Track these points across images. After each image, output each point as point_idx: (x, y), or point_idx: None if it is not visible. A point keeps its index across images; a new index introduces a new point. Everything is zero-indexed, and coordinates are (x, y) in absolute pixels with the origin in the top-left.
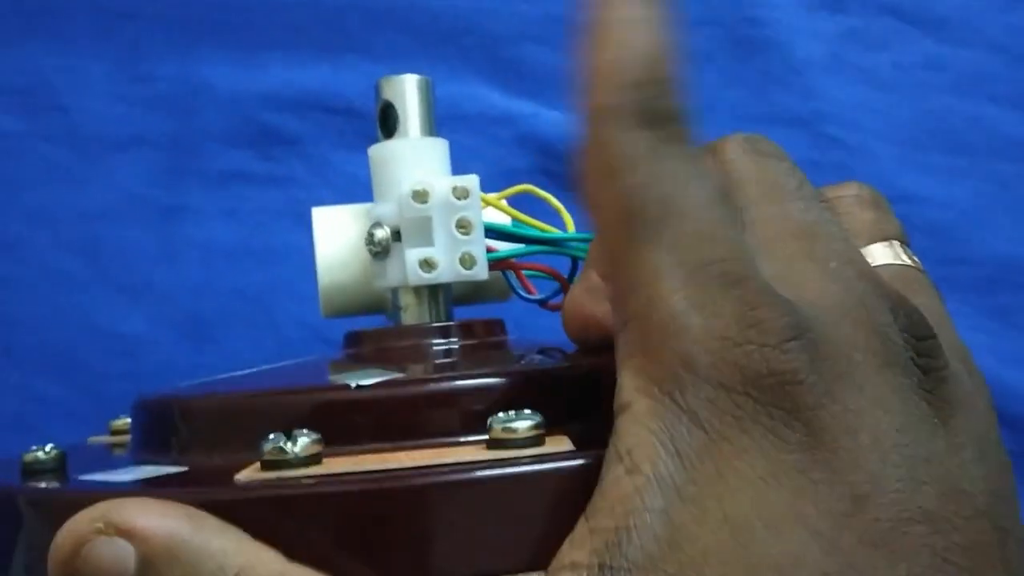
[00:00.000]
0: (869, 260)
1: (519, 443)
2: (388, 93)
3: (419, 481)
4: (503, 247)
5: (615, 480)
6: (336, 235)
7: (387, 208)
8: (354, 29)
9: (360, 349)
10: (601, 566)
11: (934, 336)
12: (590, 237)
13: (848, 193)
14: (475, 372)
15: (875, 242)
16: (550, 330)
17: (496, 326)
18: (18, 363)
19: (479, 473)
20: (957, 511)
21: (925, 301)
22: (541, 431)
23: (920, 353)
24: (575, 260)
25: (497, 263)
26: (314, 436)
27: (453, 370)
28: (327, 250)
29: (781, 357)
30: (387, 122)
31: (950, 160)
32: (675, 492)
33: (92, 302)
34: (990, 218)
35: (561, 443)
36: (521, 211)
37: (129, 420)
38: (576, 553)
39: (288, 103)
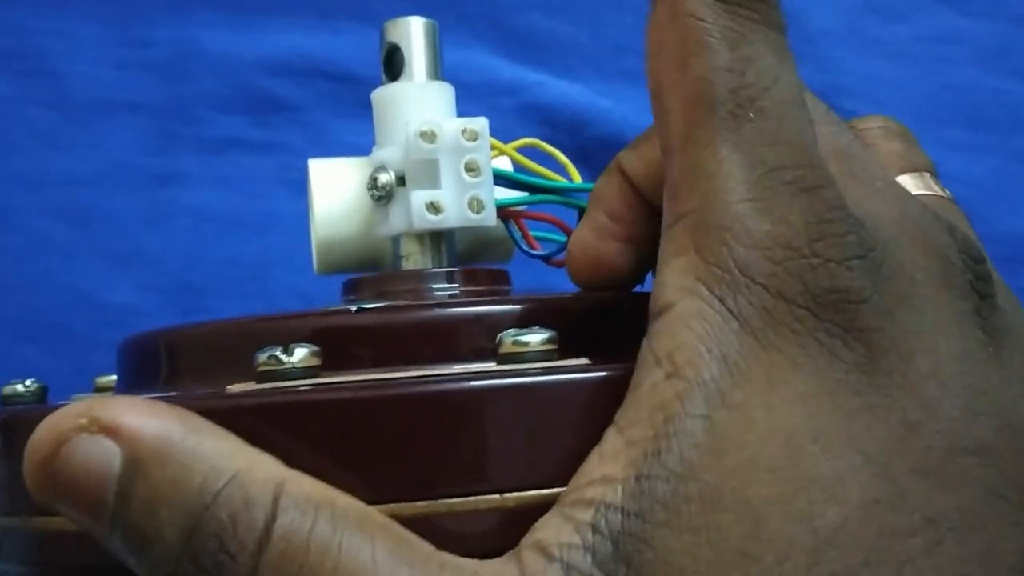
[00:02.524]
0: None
1: (531, 357)
2: (394, 35)
3: (421, 389)
4: (508, 196)
5: (653, 386)
6: (334, 187)
7: (391, 151)
8: None
9: (360, 296)
10: (638, 477)
11: (987, 260)
12: None
13: (874, 125)
14: (482, 299)
15: (904, 173)
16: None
17: (500, 275)
18: (4, 331)
19: (489, 382)
20: (1010, 445)
21: (967, 232)
22: (555, 346)
23: (978, 276)
24: (582, 212)
25: (501, 210)
26: (312, 348)
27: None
28: (324, 202)
29: (847, 274)
30: (392, 65)
31: (971, 135)
32: (720, 398)
33: (81, 270)
34: (1011, 194)
35: (579, 360)
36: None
37: (115, 377)
38: (608, 466)
39: (285, 69)
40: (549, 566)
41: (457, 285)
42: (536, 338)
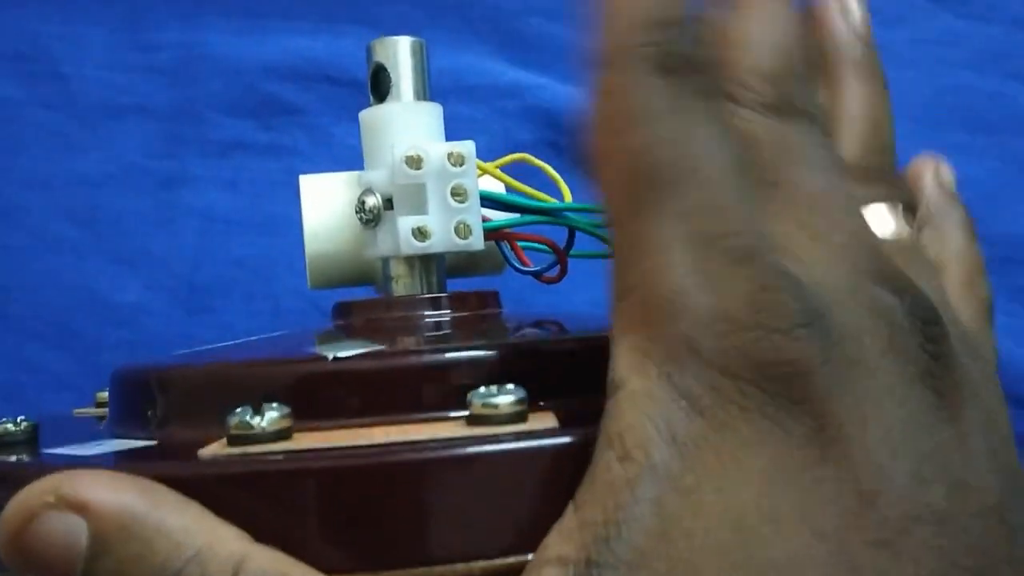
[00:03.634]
0: (871, 221)
1: (501, 419)
2: (380, 55)
3: (390, 459)
4: (498, 216)
5: (606, 467)
6: (324, 203)
7: (378, 175)
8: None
9: (349, 320)
10: (588, 562)
11: (940, 321)
12: (588, 207)
13: None
14: (456, 345)
15: (878, 201)
16: (545, 305)
17: (490, 298)
18: (12, 331)
19: (456, 451)
20: (964, 508)
21: (930, 282)
22: (524, 407)
23: (927, 338)
24: (572, 231)
25: (491, 233)
26: (283, 410)
27: (438, 343)
28: (315, 219)
29: (792, 345)
30: (379, 85)
31: (968, 138)
32: (670, 482)
33: (89, 271)
34: (1008, 197)
35: (546, 420)
36: (517, 181)
37: None
38: (564, 547)
39: (290, 73)
40: None
41: (447, 311)
42: (505, 400)
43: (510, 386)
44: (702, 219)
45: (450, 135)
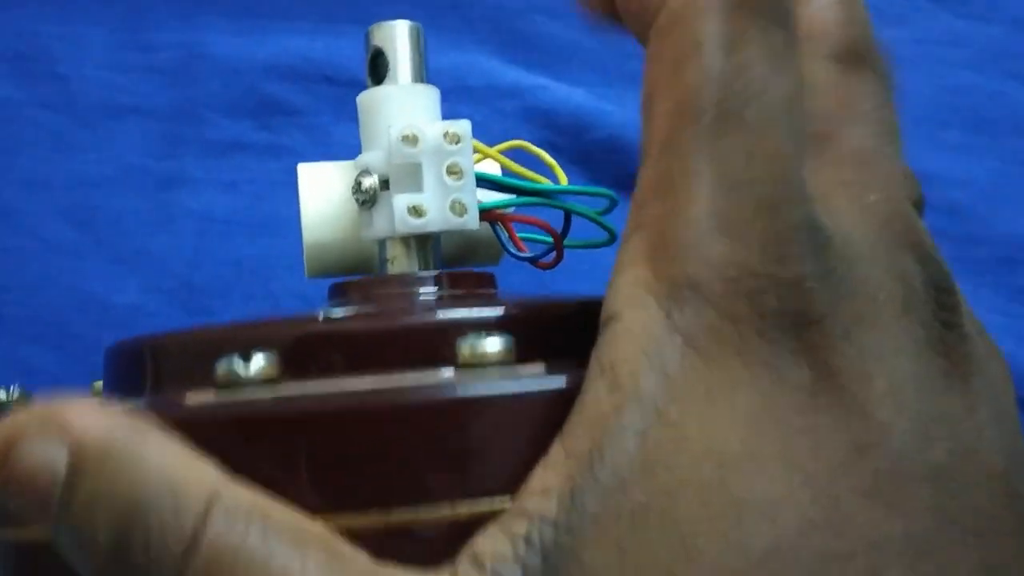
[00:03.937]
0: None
1: (489, 365)
2: (378, 39)
3: (377, 400)
4: (494, 199)
5: (594, 398)
6: (322, 191)
7: (375, 155)
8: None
9: (345, 298)
10: (573, 490)
11: (956, 292)
12: (584, 189)
13: None
14: (443, 305)
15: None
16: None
17: (486, 278)
18: (9, 332)
19: (443, 392)
20: (968, 472)
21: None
22: (512, 354)
23: (941, 307)
24: (568, 214)
25: (487, 214)
26: (271, 358)
27: (429, 306)
28: (312, 206)
29: (801, 296)
30: (377, 69)
31: (970, 138)
32: (656, 413)
33: (86, 271)
34: (1010, 197)
35: (535, 368)
36: (517, 164)
37: None
38: (549, 477)
39: (289, 73)
40: None
41: (443, 289)
42: (493, 346)
43: (498, 333)
44: (737, 163)
45: None
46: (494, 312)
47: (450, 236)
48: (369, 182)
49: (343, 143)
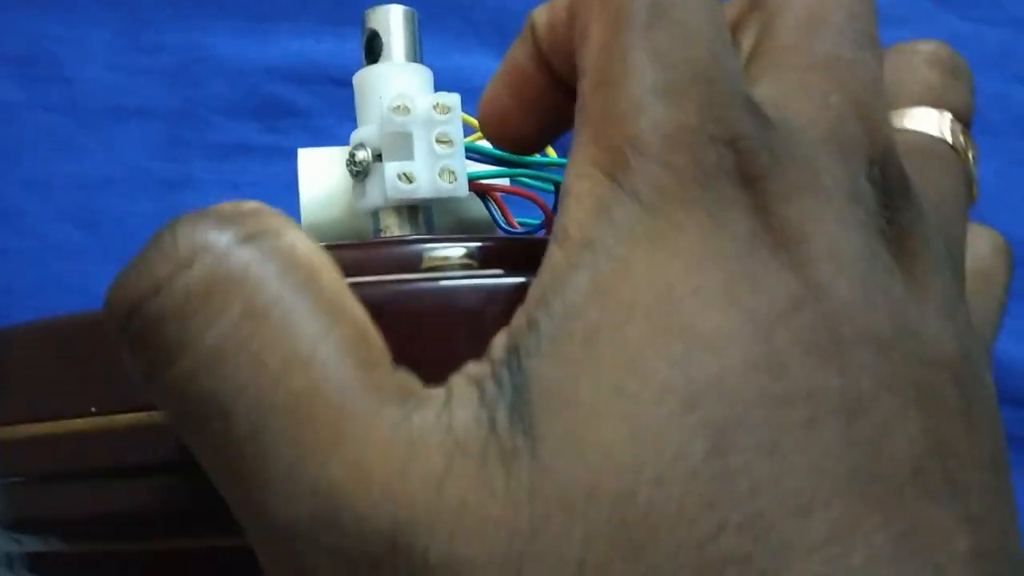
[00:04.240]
0: (904, 121)
1: (451, 268)
2: (373, 22)
3: None
4: (482, 170)
5: (549, 258)
6: (321, 175)
7: (368, 129)
8: (362, 0)
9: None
10: (529, 322)
11: (913, 202)
12: None
13: (923, 49)
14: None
15: (923, 105)
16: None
17: None
18: None
19: (403, 287)
20: (912, 349)
21: (941, 182)
22: (475, 260)
23: (889, 206)
24: (557, 186)
25: (476, 183)
26: None
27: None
28: (311, 189)
29: (740, 154)
30: (372, 49)
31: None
32: (604, 252)
33: (90, 273)
34: (1011, 198)
35: (493, 271)
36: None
37: None
38: (511, 322)
39: (294, 75)
40: (469, 389)
41: None
42: (456, 252)
43: (460, 245)
44: (670, 49)
45: None
46: (457, 240)
47: (443, 212)
48: (363, 154)
49: (347, 144)
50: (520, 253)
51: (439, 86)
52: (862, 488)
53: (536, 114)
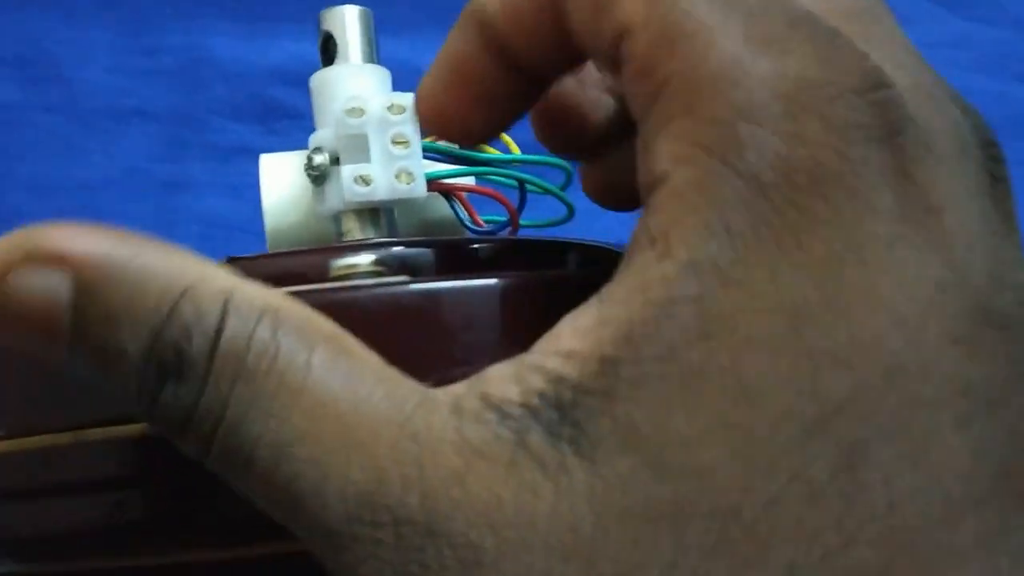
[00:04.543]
0: None
1: (359, 277)
2: (328, 24)
3: None
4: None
5: (641, 266)
6: (282, 180)
7: (325, 132)
8: (362, 4)
9: None
10: (603, 358)
11: (999, 147)
12: (536, 159)
13: None
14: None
15: None
16: None
17: None
18: None
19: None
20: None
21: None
22: (387, 267)
23: (990, 158)
24: (522, 184)
25: (436, 182)
26: None
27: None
28: (273, 195)
29: (871, 108)
30: (327, 52)
31: None
32: (717, 276)
33: None
34: (1015, 199)
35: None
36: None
37: None
38: (577, 341)
39: (294, 77)
40: (482, 409)
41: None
42: (364, 260)
43: (369, 252)
44: None
45: None
46: (378, 248)
47: (407, 213)
48: (320, 158)
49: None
50: (452, 255)
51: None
52: (1008, 485)
53: (484, 105)
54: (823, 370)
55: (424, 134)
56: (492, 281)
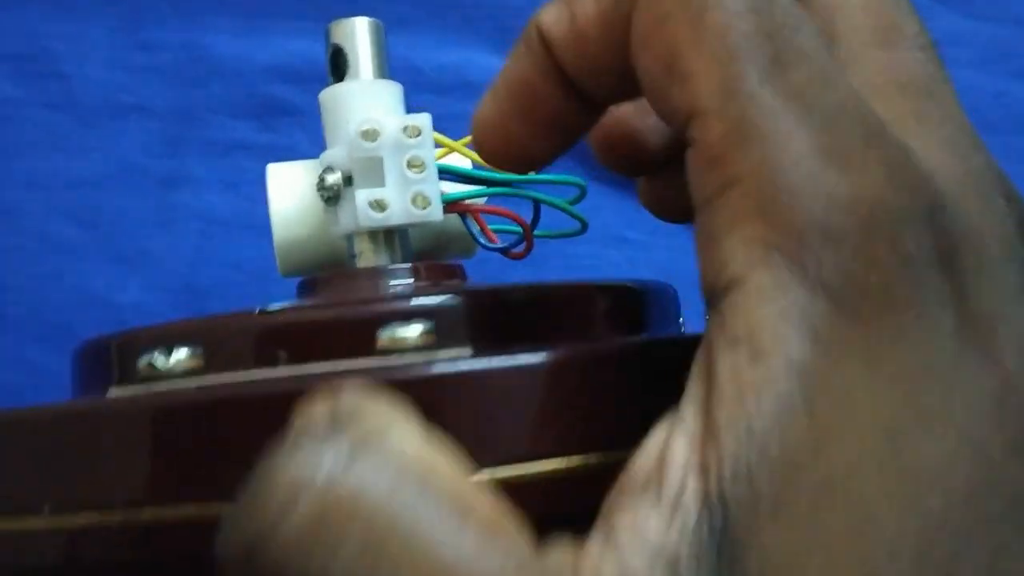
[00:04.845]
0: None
1: (408, 350)
2: (337, 37)
3: (280, 388)
4: (458, 191)
5: (733, 371)
6: (291, 190)
7: (338, 152)
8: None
9: (314, 295)
10: (737, 469)
11: None
12: (552, 178)
13: None
14: (367, 299)
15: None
16: None
17: (455, 269)
18: (12, 331)
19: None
20: None
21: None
22: (433, 338)
23: None
24: (537, 204)
25: (453, 206)
26: (195, 350)
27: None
28: (281, 205)
29: (936, 227)
30: (337, 66)
31: None
32: (817, 382)
33: (88, 271)
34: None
35: (461, 352)
36: None
37: None
38: (696, 453)
39: (292, 74)
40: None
41: (410, 281)
42: (413, 332)
43: (418, 320)
44: (818, 94)
45: (454, 132)
46: (417, 301)
47: (421, 229)
48: (332, 179)
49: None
50: (486, 310)
51: (437, 82)
52: None
53: (546, 131)
54: (922, 489)
55: (486, 160)
56: (544, 356)
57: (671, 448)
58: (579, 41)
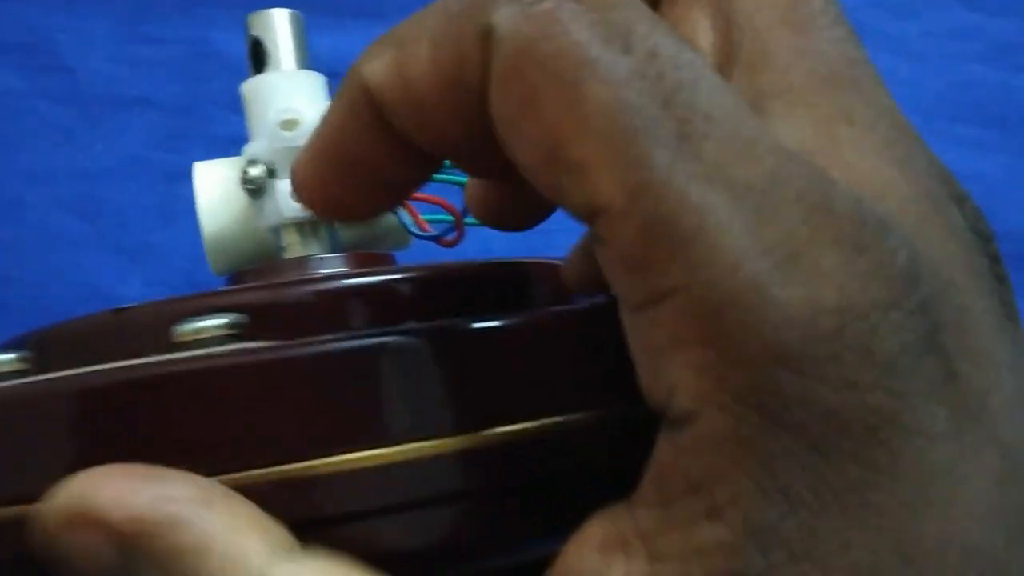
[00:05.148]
0: None
1: (204, 344)
2: (256, 29)
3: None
4: None
5: (688, 524)
6: (218, 187)
7: (260, 144)
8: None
9: None
10: None
11: (993, 235)
12: None
13: None
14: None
15: None
16: None
17: (384, 259)
18: (14, 323)
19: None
20: None
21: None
22: (240, 329)
23: (992, 259)
24: (463, 187)
25: None
26: (20, 354)
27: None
28: (209, 203)
29: (911, 320)
30: (257, 58)
31: (980, 132)
32: (784, 550)
33: (91, 263)
34: (1018, 191)
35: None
36: None
37: None
38: None
39: None
40: None
41: (342, 270)
42: (213, 323)
43: (221, 314)
44: (741, 168)
45: None
46: (218, 298)
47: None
48: (255, 171)
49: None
50: (311, 309)
51: None
52: None
53: (374, 190)
54: None
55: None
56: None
57: (579, 554)
58: (415, 106)
